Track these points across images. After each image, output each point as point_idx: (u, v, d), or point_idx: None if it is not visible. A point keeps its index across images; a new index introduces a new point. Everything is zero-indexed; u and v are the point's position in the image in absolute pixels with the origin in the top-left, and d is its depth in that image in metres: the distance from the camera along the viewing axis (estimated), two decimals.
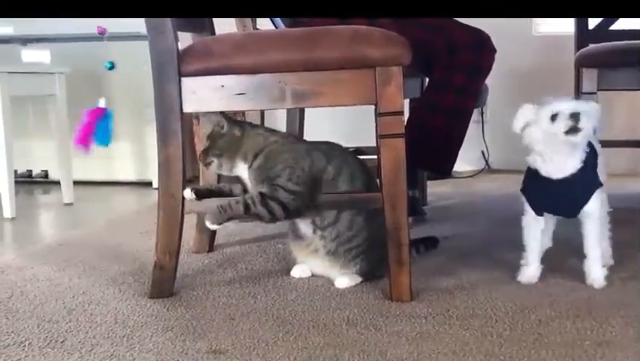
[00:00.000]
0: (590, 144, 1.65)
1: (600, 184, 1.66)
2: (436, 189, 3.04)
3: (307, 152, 1.69)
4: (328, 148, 1.74)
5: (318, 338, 1.39)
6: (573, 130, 1.56)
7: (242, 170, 1.72)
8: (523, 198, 1.71)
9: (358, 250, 1.73)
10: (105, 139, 1.64)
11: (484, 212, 2.68)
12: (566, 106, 1.58)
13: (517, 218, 1.79)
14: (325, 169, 1.69)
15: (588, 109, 1.59)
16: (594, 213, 1.65)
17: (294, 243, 1.81)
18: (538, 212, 1.70)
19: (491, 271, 1.82)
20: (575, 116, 1.56)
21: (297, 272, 1.82)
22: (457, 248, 2.10)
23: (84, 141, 1.67)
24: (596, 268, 1.67)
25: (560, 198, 1.65)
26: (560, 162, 1.62)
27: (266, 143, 1.71)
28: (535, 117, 1.61)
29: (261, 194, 1.63)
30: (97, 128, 1.80)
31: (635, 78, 2.54)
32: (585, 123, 1.56)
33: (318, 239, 1.74)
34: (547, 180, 1.64)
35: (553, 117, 1.57)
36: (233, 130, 1.71)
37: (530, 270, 1.72)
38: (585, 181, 1.64)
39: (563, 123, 1.56)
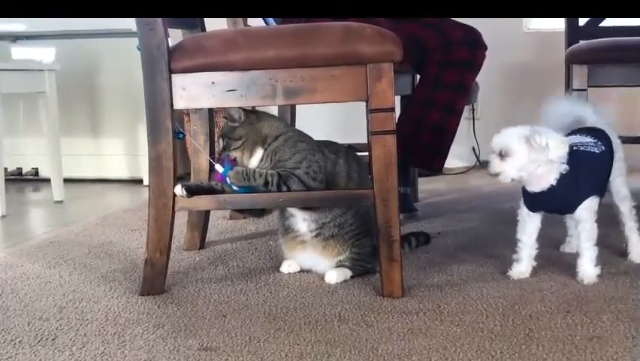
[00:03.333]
0: (577, 154, 1.66)
1: (590, 194, 1.67)
2: (427, 186, 3.05)
3: (319, 147, 1.75)
4: (333, 144, 1.80)
5: (309, 334, 1.39)
6: (490, 174, 1.65)
7: (259, 154, 1.74)
8: (522, 192, 1.74)
9: (352, 233, 1.75)
10: None
11: (475, 208, 2.68)
12: (494, 144, 1.65)
13: (509, 214, 1.81)
14: (337, 162, 1.74)
15: (517, 142, 1.60)
16: (583, 218, 1.67)
17: (284, 238, 1.82)
18: (531, 209, 1.72)
19: (482, 267, 1.83)
20: (488, 166, 1.65)
21: (285, 268, 1.83)
22: (448, 244, 2.11)
23: None
24: (588, 267, 1.68)
25: (545, 204, 1.69)
26: (532, 179, 1.65)
27: (285, 129, 1.77)
28: None
29: (279, 175, 1.67)
30: None
31: (625, 74, 2.55)
32: (496, 167, 1.63)
33: (310, 232, 1.75)
34: (532, 192, 1.69)
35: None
36: (250, 117, 1.74)
37: (522, 266, 1.73)
38: (566, 194, 1.65)
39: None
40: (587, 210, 1.66)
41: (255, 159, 1.74)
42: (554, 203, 1.67)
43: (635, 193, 1.83)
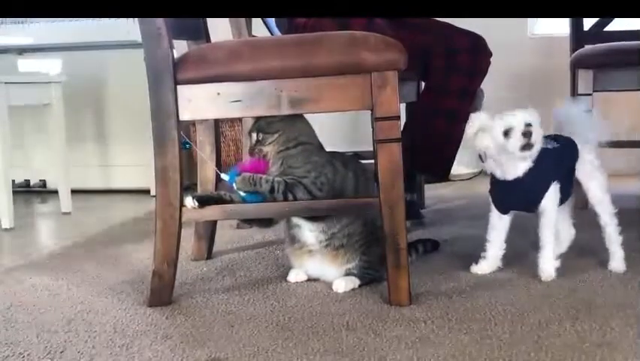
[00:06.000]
0: (557, 140, 1.75)
1: (552, 179, 1.73)
2: (433, 193, 3.04)
3: (331, 161, 1.76)
4: (342, 156, 1.82)
5: (317, 344, 1.39)
6: (527, 146, 1.66)
7: (273, 145, 1.75)
8: (490, 199, 1.82)
9: (362, 242, 1.75)
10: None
11: (482, 215, 2.65)
12: (519, 120, 1.66)
13: (515, 221, 1.82)
14: (346, 175, 1.75)
15: (538, 118, 1.68)
16: (548, 208, 1.73)
17: (291, 247, 1.82)
18: (502, 210, 1.80)
19: (490, 274, 1.82)
20: (527, 134, 1.65)
21: (292, 277, 1.84)
22: (455, 251, 2.10)
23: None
24: (546, 260, 1.74)
25: (517, 196, 1.75)
26: (511, 166, 1.72)
27: (309, 139, 1.77)
28: (489, 127, 1.69)
29: (286, 183, 1.68)
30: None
31: (631, 79, 2.55)
32: (537, 136, 1.66)
33: (318, 241, 1.76)
34: (503, 182, 1.75)
35: (507, 133, 1.66)
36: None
37: (486, 263, 1.83)
38: (537, 179, 1.72)
39: (517, 141, 1.65)
40: (550, 200, 1.73)
41: (269, 140, 1.75)
42: (522, 194, 1.74)
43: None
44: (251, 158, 1.76)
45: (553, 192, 1.74)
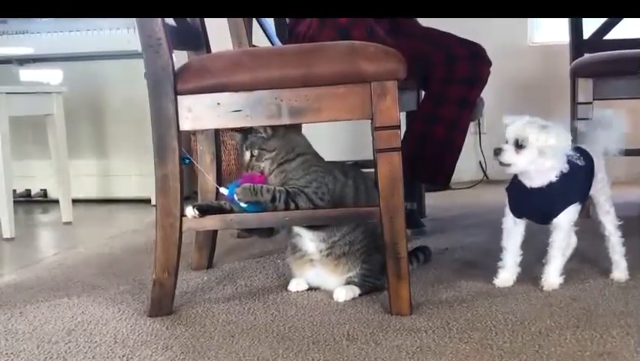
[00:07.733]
0: (584, 157, 1.71)
1: (576, 200, 1.71)
2: (434, 201, 3.04)
3: (331, 170, 1.76)
4: (343, 165, 1.84)
5: (318, 354, 1.39)
6: (502, 163, 1.65)
7: (270, 161, 1.75)
8: (506, 199, 1.78)
9: (363, 250, 1.75)
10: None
11: (483, 223, 2.67)
12: (511, 133, 1.64)
13: None
14: (346, 184, 1.76)
15: (536, 132, 1.62)
16: (562, 225, 1.72)
17: (292, 256, 1.82)
18: (516, 214, 1.76)
19: (491, 283, 1.82)
20: (497, 151, 1.64)
21: (293, 286, 1.84)
22: (456, 260, 2.10)
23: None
24: (552, 275, 1.74)
25: (534, 205, 1.72)
26: (534, 174, 1.69)
27: (306, 150, 1.79)
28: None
29: (287, 192, 1.68)
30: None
31: (630, 87, 2.55)
32: (510, 158, 1.62)
33: (319, 250, 1.76)
34: (524, 187, 1.71)
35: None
36: (279, 130, 1.76)
37: (506, 273, 1.79)
38: (558, 194, 1.69)
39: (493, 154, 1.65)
40: (567, 218, 1.71)
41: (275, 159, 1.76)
42: (542, 205, 1.71)
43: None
44: (249, 173, 1.76)
45: (572, 211, 1.72)
